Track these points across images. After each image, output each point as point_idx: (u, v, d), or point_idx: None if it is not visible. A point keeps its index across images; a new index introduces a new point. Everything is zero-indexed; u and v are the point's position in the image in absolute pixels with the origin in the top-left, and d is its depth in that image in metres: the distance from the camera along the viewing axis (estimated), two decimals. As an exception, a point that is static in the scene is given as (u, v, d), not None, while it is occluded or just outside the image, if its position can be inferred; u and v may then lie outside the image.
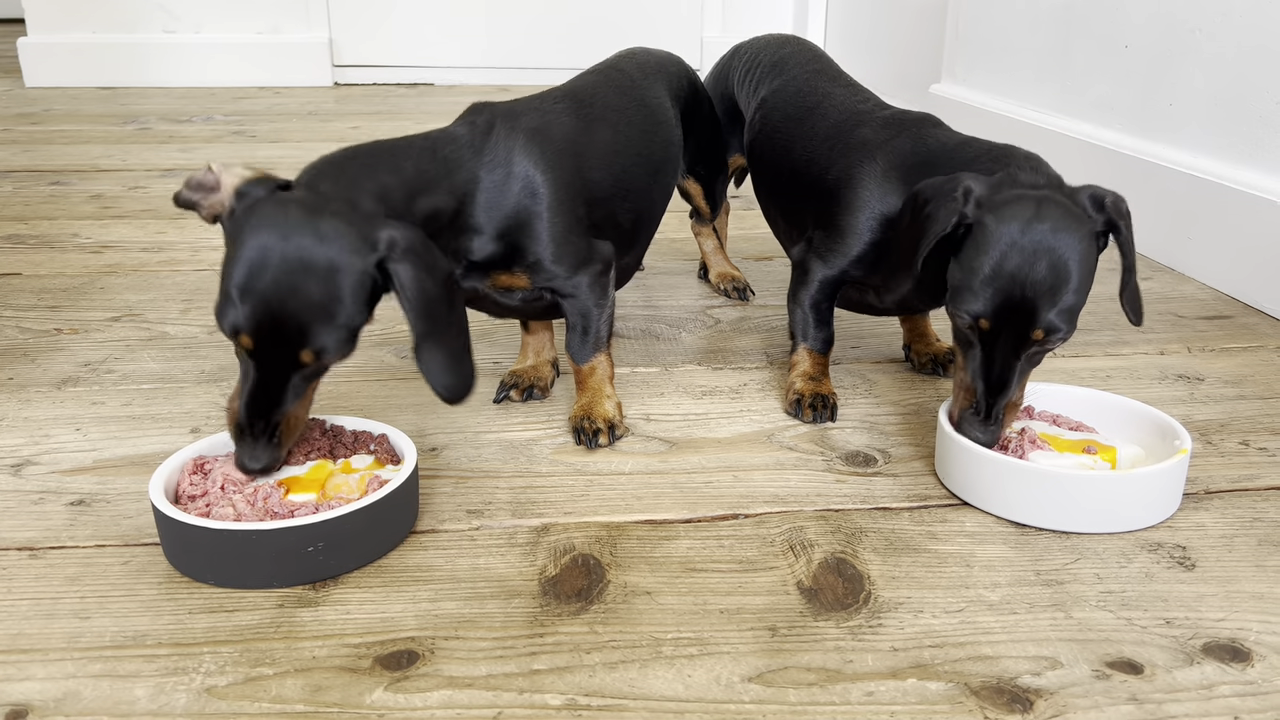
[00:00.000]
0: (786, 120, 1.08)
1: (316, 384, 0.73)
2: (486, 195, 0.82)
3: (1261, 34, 1.25)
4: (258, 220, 0.67)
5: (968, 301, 0.77)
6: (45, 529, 0.74)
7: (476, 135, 0.83)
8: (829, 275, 0.95)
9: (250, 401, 0.69)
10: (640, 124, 1.00)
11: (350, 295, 0.68)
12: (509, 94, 3.03)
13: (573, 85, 0.99)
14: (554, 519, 0.76)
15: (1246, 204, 1.25)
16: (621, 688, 0.58)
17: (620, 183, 0.95)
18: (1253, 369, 1.05)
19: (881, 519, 0.77)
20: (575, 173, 0.87)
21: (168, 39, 3.11)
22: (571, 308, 0.89)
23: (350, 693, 0.58)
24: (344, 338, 0.69)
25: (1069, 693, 0.58)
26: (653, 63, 1.12)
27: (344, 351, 0.69)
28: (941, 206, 0.79)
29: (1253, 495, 0.80)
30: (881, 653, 0.61)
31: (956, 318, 0.79)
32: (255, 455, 0.69)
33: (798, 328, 0.98)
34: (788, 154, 1.05)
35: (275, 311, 0.66)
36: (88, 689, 0.58)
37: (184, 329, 1.15)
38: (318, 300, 0.66)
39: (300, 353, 0.67)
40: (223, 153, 2.14)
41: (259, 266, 0.66)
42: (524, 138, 0.85)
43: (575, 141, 0.89)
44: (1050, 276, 0.74)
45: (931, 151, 0.91)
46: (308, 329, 0.67)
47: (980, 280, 0.76)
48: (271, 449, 0.70)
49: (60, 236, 1.51)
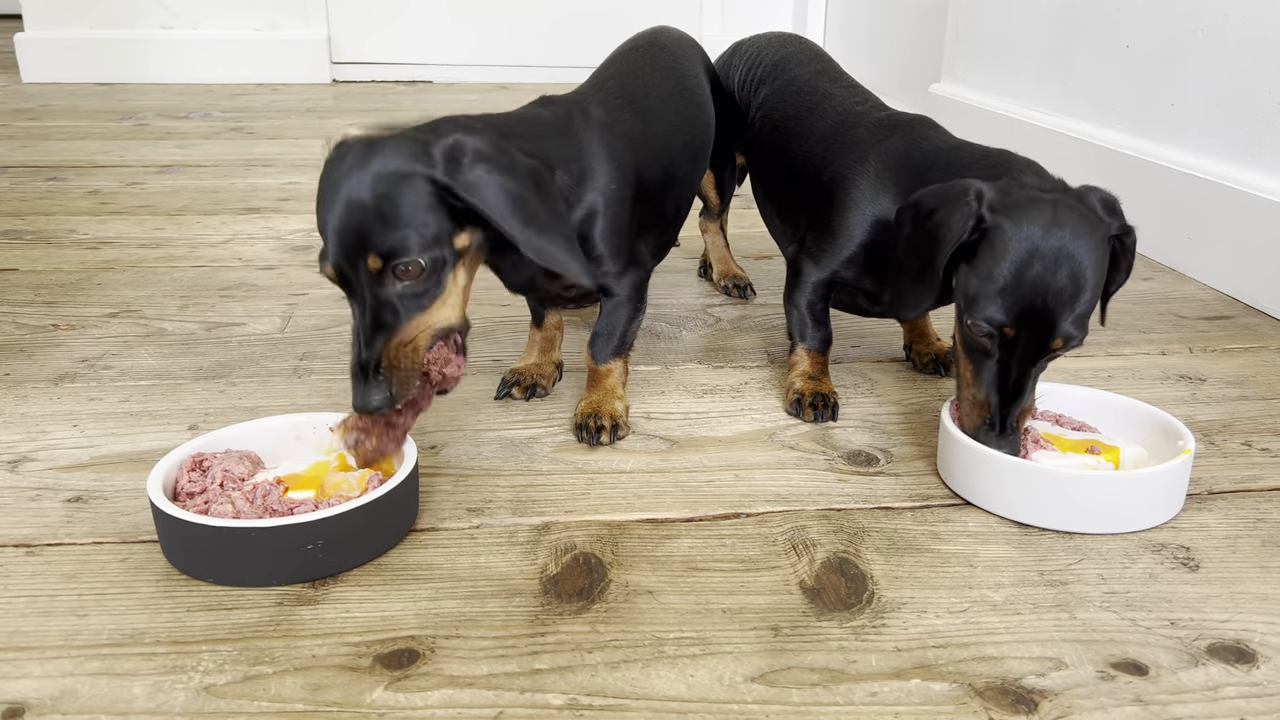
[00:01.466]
0: (785, 120, 1.07)
1: (428, 316, 0.71)
2: (569, 176, 0.83)
3: (1263, 34, 1.24)
4: (337, 162, 0.71)
5: (988, 310, 0.74)
6: (42, 526, 0.74)
7: (559, 120, 0.85)
8: (821, 276, 0.95)
9: (357, 339, 0.70)
10: (684, 110, 1.01)
11: (407, 198, 0.69)
12: (508, 92, 3.03)
13: (624, 74, 0.98)
14: (555, 517, 0.76)
15: (1248, 204, 1.25)
16: (624, 687, 0.58)
17: (669, 173, 0.96)
18: (1254, 369, 1.05)
19: (884, 518, 0.76)
20: (635, 170, 0.89)
21: (166, 35, 3.10)
22: (610, 306, 0.90)
23: (350, 692, 0.57)
24: (412, 240, 0.68)
25: (1074, 694, 0.57)
26: (686, 40, 1.13)
27: (418, 257, 0.68)
28: (954, 212, 0.77)
29: (1256, 496, 0.80)
30: (885, 653, 0.61)
31: (974, 326, 0.76)
32: (364, 395, 0.69)
33: (795, 328, 0.98)
34: (785, 153, 1.05)
35: (341, 227, 0.69)
36: (85, 687, 0.57)
37: (182, 325, 1.14)
38: (371, 204, 0.68)
39: (368, 258, 0.68)
40: (221, 149, 2.13)
41: (328, 191, 0.70)
42: (598, 132, 0.86)
43: (635, 140, 0.90)
44: (1071, 284, 0.73)
45: (925, 154, 0.90)
46: (365, 237, 0.68)
47: (1000, 287, 0.74)
48: (379, 388, 0.69)
49: (57, 232, 1.51)
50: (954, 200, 0.78)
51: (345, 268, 0.69)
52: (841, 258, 0.93)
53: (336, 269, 0.70)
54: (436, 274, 0.71)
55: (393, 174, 0.69)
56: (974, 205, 0.76)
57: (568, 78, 3.18)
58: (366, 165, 0.69)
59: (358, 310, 0.70)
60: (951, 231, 0.76)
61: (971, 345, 0.78)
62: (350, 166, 0.70)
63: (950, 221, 0.77)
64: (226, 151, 2.12)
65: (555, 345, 1.01)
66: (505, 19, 3.25)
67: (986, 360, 0.77)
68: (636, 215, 0.89)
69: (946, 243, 0.77)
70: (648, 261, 0.92)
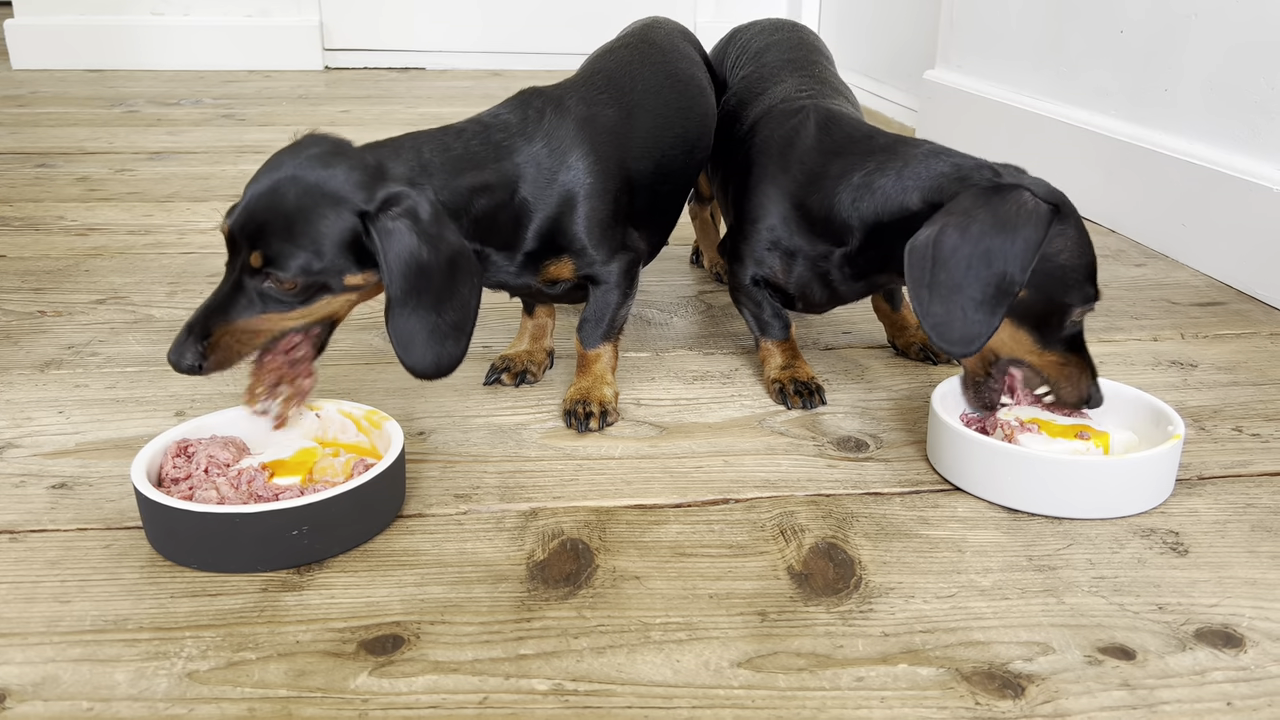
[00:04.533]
0: (739, 105, 1.06)
1: (281, 320, 0.72)
2: (536, 180, 0.83)
3: (1258, 20, 1.24)
4: (293, 148, 0.73)
5: (1089, 290, 0.76)
6: (26, 512, 0.73)
7: (528, 121, 0.85)
8: (744, 277, 0.94)
9: (205, 302, 0.71)
10: (676, 102, 1.00)
11: (322, 225, 0.70)
12: (501, 79, 3.01)
13: (610, 68, 0.97)
14: (543, 503, 0.75)
15: (1242, 190, 1.25)
16: (609, 673, 0.58)
17: (660, 167, 0.95)
18: (1246, 355, 1.05)
19: (873, 504, 0.76)
20: (619, 162, 0.88)
21: (156, 21, 3.08)
22: (598, 293, 0.89)
23: (334, 677, 0.57)
24: (299, 263, 0.69)
25: (1061, 678, 0.57)
26: (678, 31, 1.12)
27: (295, 279, 0.70)
28: (1028, 225, 0.73)
29: (1246, 481, 0.80)
30: (872, 638, 0.61)
31: (1083, 311, 0.78)
32: (179, 350, 0.70)
33: (751, 325, 0.97)
34: (727, 141, 1.04)
35: (252, 207, 0.70)
36: (67, 673, 0.57)
37: (169, 312, 1.14)
38: (288, 209, 0.70)
39: (251, 252, 0.69)
40: (211, 136, 2.12)
41: (270, 168, 0.71)
42: (574, 126, 0.86)
43: (618, 131, 0.90)
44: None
45: (834, 144, 0.88)
46: (264, 231, 0.69)
47: (1089, 269, 0.77)
48: (195, 353, 0.70)
49: (45, 219, 1.50)
50: (1025, 214, 0.74)
51: (235, 238, 0.71)
52: (755, 258, 0.92)
53: (229, 235, 0.71)
54: (308, 296, 0.72)
55: (325, 194, 0.70)
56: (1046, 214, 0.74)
57: (561, 64, 3.17)
58: (309, 172, 0.71)
59: (223, 279, 0.72)
60: (1032, 244, 0.73)
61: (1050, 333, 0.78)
62: (298, 164, 0.71)
63: (1026, 233, 0.73)
64: (217, 138, 2.10)
65: (547, 333, 1.00)
66: (498, 5, 3.24)
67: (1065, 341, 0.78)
68: (622, 207, 0.88)
69: (1028, 254, 0.73)
70: (639, 244, 0.92)
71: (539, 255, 0.85)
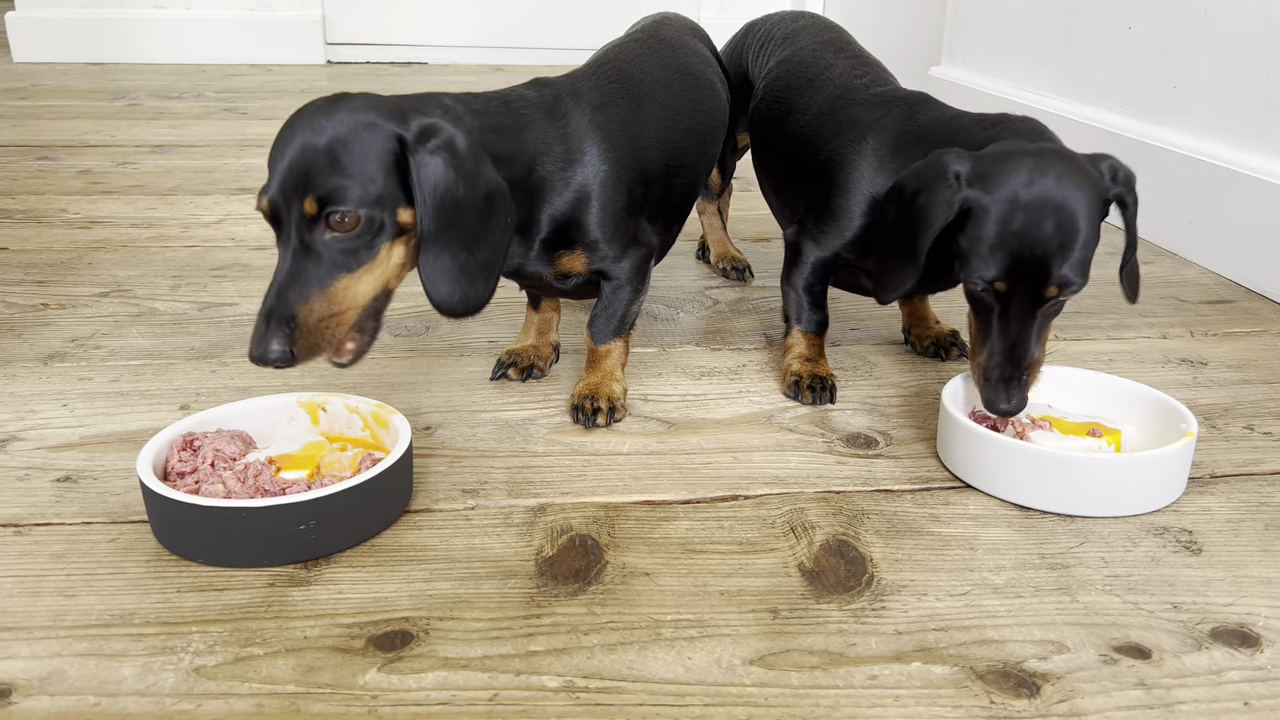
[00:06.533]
0: (787, 91, 1.06)
1: (355, 282, 0.67)
2: (553, 160, 0.81)
3: (1266, 15, 1.23)
4: (304, 106, 0.70)
5: (979, 269, 0.76)
6: (31, 505, 0.73)
7: (546, 101, 0.84)
8: (821, 258, 0.93)
9: (271, 285, 0.66)
10: (687, 95, 0.99)
11: (365, 147, 0.67)
12: (504, 74, 3.00)
13: (619, 60, 0.97)
14: (551, 499, 0.75)
15: (1250, 188, 1.24)
16: (620, 670, 0.57)
17: (672, 160, 0.95)
18: (1256, 353, 1.04)
19: (884, 501, 0.75)
20: (632, 154, 0.87)
21: (158, 14, 3.07)
22: (610, 289, 0.88)
23: (343, 673, 0.56)
24: (356, 192, 0.66)
25: (1076, 677, 0.57)
26: (689, 27, 1.11)
27: (356, 210, 0.66)
28: (936, 195, 0.77)
29: (1259, 479, 0.79)
30: (885, 636, 0.60)
31: (969, 285, 0.78)
32: (263, 342, 0.65)
33: (791, 310, 0.96)
34: (783, 127, 1.03)
35: (288, 164, 0.67)
36: (73, 668, 0.56)
37: (173, 305, 1.13)
38: (325, 146, 0.67)
39: (305, 199, 0.66)
40: (213, 130, 2.11)
41: (287, 129, 0.69)
42: (590, 114, 0.85)
43: (631, 123, 0.89)
44: (1058, 231, 0.73)
45: (923, 128, 0.89)
46: (310, 176, 0.66)
47: (989, 245, 0.75)
48: (283, 337, 0.64)
49: (48, 211, 1.49)
50: (934, 182, 0.78)
51: (280, 205, 0.67)
52: (844, 240, 0.91)
53: (271, 205, 0.67)
54: (371, 235, 0.68)
55: (358, 122, 0.68)
56: (955, 185, 0.77)
57: (565, 59, 3.16)
58: (332, 110, 0.69)
59: (282, 254, 0.67)
60: (935, 215, 0.77)
61: (976, 306, 0.80)
62: (316, 110, 0.69)
63: (933, 204, 0.77)
64: (219, 132, 2.10)
65: (552, 327, 0.99)
66: (502, 1, 3.22)
67: (990, 316, 0.78)
68: (636, 199, 0.88)
69: (930, 226, 0.77)
70: (651, 239, 0.91)
71: (552, 244, 0.84)
